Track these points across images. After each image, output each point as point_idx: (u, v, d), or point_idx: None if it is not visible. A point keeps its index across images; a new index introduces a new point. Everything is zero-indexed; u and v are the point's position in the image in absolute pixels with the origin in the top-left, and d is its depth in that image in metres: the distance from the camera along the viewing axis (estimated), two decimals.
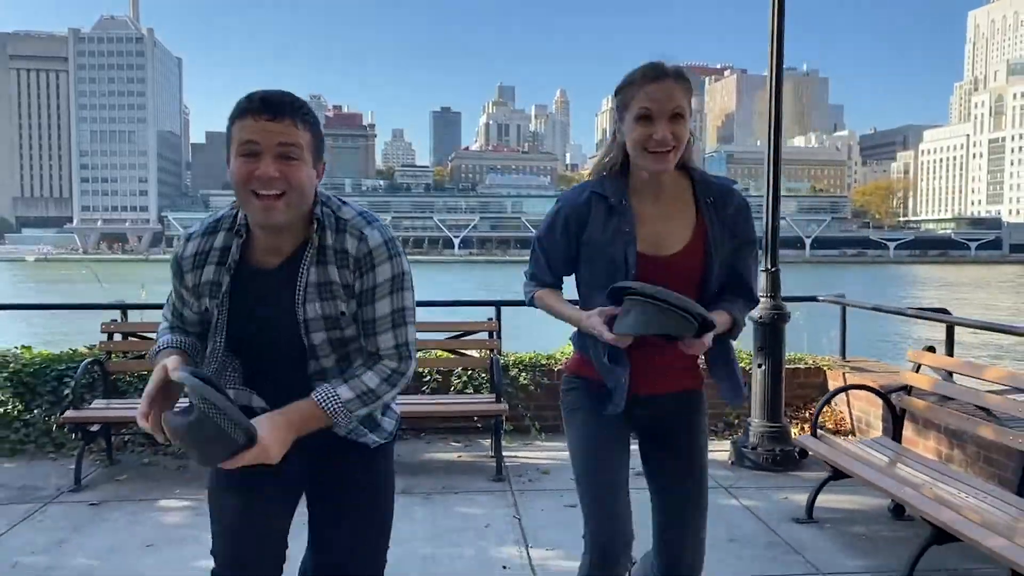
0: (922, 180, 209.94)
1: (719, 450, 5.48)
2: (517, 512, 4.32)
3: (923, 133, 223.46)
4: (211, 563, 1.94)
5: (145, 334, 5.27)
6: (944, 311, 5.30)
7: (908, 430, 4.97)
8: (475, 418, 5.60)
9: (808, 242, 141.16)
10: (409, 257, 1.89)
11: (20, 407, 5.42)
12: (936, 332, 5.95)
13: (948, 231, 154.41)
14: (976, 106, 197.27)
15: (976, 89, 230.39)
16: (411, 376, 1.89)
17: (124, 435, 5.32)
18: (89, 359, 5.03)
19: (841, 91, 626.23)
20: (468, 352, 5.55)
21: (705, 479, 2.28)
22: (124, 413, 4.85)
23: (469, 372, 5.84)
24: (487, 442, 5.52)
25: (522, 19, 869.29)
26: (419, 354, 5.40)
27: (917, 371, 4.19)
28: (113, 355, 5.24)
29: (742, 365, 5.40)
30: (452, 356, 5.61)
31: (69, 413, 4.69)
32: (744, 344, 5.71)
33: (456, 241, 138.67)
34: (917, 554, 3.34)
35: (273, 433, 1.64)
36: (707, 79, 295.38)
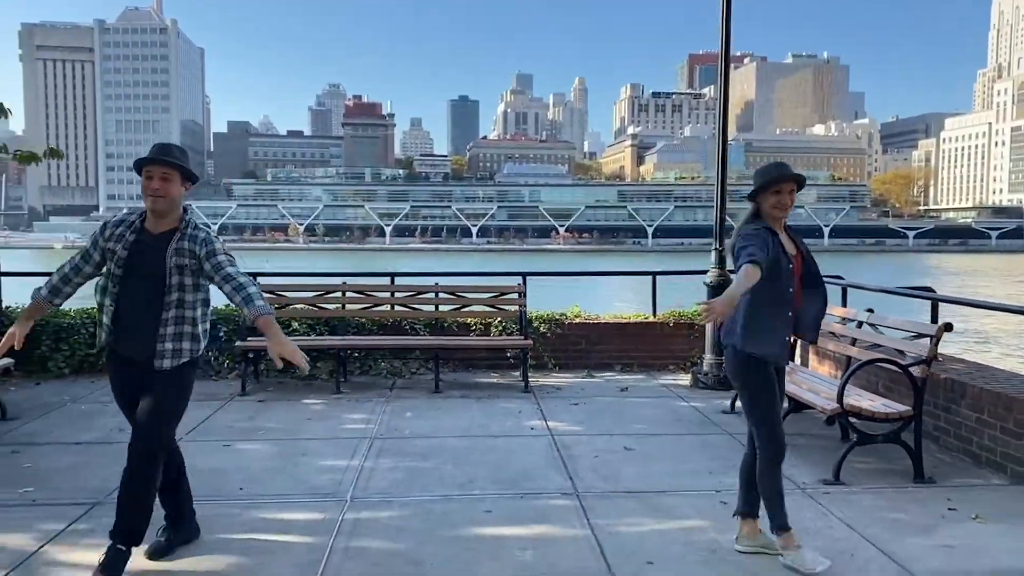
0: (943, 169, 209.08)
1: (683, 378, 7.69)
2: (539, 406, 6.54)
3: (945, 121, 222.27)
4: (352, 426, 3.82)
5: (280, 292, 7.55)
6: (839, 277, 7.41)
7: (813, 360, 7.16)
8: (508, 353, 7.84)
9: (826, 231, 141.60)
10: (428, 246, 3.87)
11: None
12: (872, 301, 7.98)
13: (969, 220, 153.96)
14: (999, 94, 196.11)
15: (1000, 76, 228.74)
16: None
17: (263, 362, 7.58)
18: None
19: (863, 78, 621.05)
20: (504, 307, 7.75)
21: None
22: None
23: (503, 323, 8.06)
24: (517, 373, 7.73)
25: (540, 6, 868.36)
26: (469, 308, 7.65)
27: None
28: None
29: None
30: (492, 310, 7.81)
31: (239, 344, 6.97)
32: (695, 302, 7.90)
33: (474, 230, 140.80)
34: (782, 417, 5.50)
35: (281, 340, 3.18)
36: None
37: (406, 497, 4.34)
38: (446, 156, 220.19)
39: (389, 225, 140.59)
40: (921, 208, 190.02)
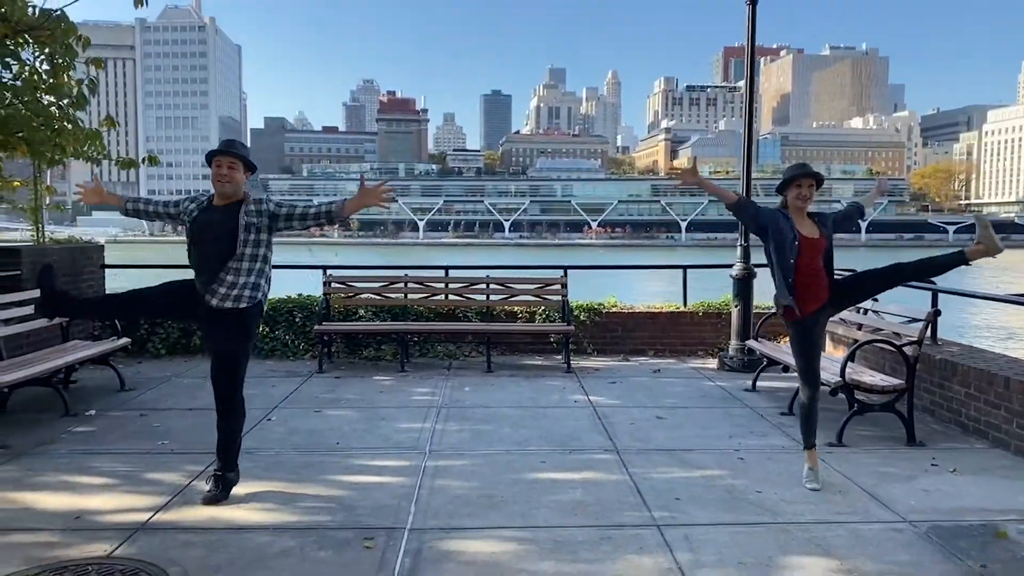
0: (985, 162, 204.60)
1: (711, 362, 8.49)
2: (581, 384, 7.40)
3: (987, 113, 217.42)
4: (419, 398, 4.87)
5: (350, 283, 8.51)
6: (852, 270, 8.10)
7: (830, 346, 7.90)
8: (551, 338, 8.71)
9: (864, 226, 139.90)
10: (460, 241, 4.88)
11: (267, 329, 8.68)
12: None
13: (1012, 215, 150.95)
14: None
15: None
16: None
17: (335, 344, 8.54)
18: (324, 295, 8.28)
19: (903, 70, 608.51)
20: (547, 297, 8.61)
21: None
22: (344, 328, 8.10)
23: (547, 311, 8.93)
24: (559, 356, 8.60)
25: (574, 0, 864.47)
26: (516, 297, 8.50)
27: None
28: (331, 294, 8.45)
29: (727, 309, 8.39)
30: (537, 299, 8.67)
31: (317, 327, 7.94)
32: (725, 293, 8.69)
33: (507, 225, 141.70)
34: (795, 394, 6.28)
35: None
36: (762, 60, 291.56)
37: (474, 451, 5.23)
38: (479, 151, 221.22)
39: (422, 220, 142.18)
40: (962, 202, 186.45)
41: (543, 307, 8.86)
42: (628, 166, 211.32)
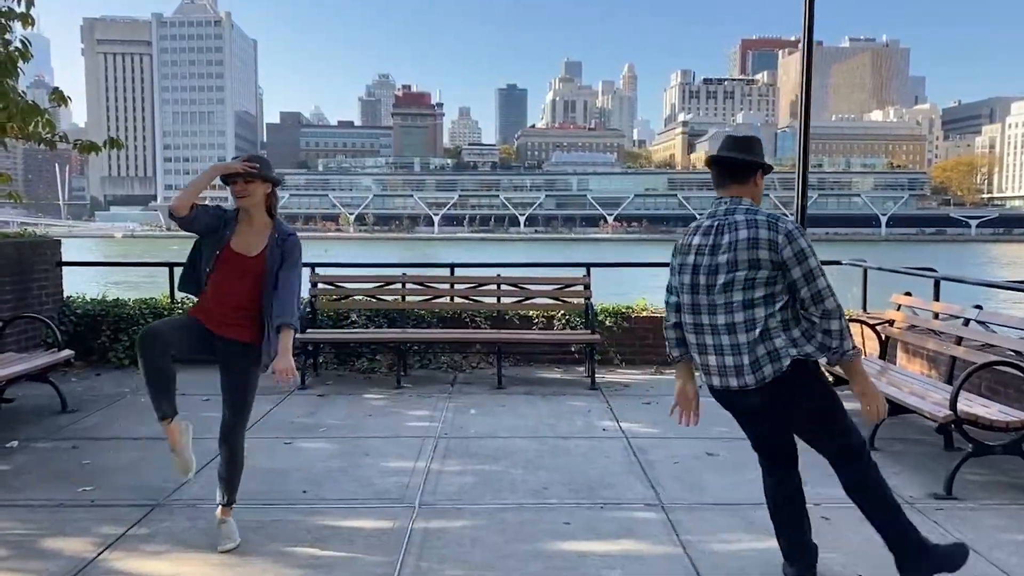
0: (1009, 155, 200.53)
1: None
2: (609, 405, 6.21)
3: (1010, 105, 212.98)
4: (415, 424, 3.66)
5: (339, 283, 7.36)
6: (932, 270, 6.88)
7: (902, 359, 6.66)
8: (572, 348, 7.51)
9: (884, 220, 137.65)
10: (476, 235, 3.66)
11: None
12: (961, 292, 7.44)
13: None
14: None
15: None
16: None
17: (323, 354, 7.41)
18: (310, 298, 7.14)
19: (924, 62, 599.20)
20: (568, 299, 7.42)
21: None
22: (331, 337, 6.94)
23: (566, 316, 7.74)
24: (581, 368, 7.42)
25: None
26: (532, 300, 7.33)
27: (898, 310, 5.85)
28: (318, 297, 7.32)
29: None
30: (555, 302, 7.49)
31: (298, 335, 6.78)
32: None
33: (522, 219, 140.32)
34: (878, 423, 5.06)
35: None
36: (780, 52, 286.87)
37: (477, 504, 4.07)
38: (494, 145, 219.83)
39: (438, 214, 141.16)
40: (985, 196, 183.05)
41: (563, 311, 7.68)
42: (644, 160, 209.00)
